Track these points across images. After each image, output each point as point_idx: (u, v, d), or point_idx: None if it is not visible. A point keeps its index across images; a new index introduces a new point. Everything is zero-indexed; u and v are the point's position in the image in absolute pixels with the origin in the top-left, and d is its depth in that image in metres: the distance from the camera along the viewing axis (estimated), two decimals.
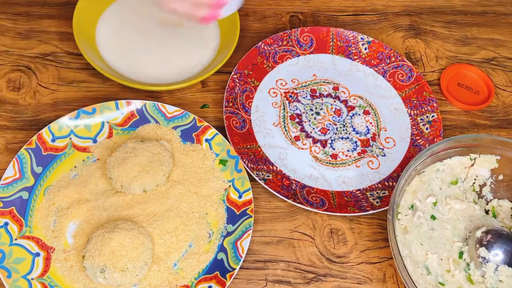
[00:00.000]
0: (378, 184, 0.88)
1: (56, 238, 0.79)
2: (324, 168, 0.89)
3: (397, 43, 1.05)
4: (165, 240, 0.79)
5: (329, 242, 0.83)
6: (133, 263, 0.74)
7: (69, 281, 0.76)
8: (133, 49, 0.96)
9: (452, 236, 0.80)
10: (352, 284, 0.80)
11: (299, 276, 0.80)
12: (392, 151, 0.92)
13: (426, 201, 0.81)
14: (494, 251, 0.77)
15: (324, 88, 0.97)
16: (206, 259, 0.79)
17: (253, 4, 1.01)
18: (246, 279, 0.79)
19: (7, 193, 0.80)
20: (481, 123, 0.97)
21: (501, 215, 0.83)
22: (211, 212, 0.83)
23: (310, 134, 0.92)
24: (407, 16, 1.08)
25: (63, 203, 0.81)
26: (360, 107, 0.96)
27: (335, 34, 1.01)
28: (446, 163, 0.83)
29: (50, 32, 0.99)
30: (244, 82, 0.95)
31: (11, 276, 0.74)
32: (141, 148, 0.81)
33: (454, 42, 1.06)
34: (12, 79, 0.93)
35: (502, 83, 1.02)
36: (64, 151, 0.85)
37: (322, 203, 0.85)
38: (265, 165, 0.88)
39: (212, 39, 0.99)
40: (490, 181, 0.85)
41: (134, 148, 0.80)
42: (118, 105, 0.88)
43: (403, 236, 0.78)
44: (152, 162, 0.80)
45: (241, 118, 0.91)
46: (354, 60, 1.01)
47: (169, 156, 0.83)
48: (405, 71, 0.99)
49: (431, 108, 0.95)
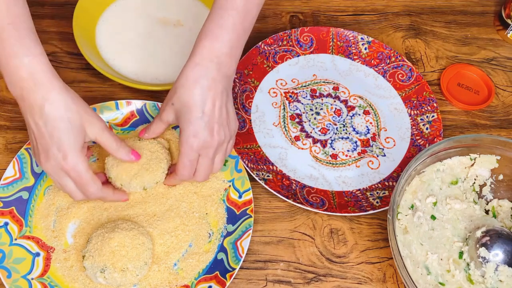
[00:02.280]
0: (378, 184, 0.88)
1: (56, 238, 0.79)
2: (324, 168, 0.89)
3: (397, 43, 1.05)
4: (165, 240, 0.79)
5: (329, 242, 0.83)
6: (133, 263, 0.74)
7: (69, 281, 0.76)
8: (133, 49, 0.96)
9: (452, 236, 0.80)
10: (352, 284, 0.80)
11: (299, 276, 0.80)
12: (392, 151, 0.92)
13: (426, 201, 0.81)
14: (494, 251, 0.77)
15: (324, 88, 0.97)
16: (206, 259, 0.79)
17: None
18: (246, 279, 0.79)
19: (7, 193, 0.80)
20: (481, 123, 0.97)
21: (501, 215, 0.83)
22: (211, 212, 0.83)
23: (310, 134, 0.92)
24: (407, 16, 1.08)
25: (63, 203, 0.81)
26: (360, 107, 0.96)
27: (335, 34, 1.01)
28: (446, 163, 0.83)
29: (50, 32, 0.99)
30: (244, 82, 0.95)
31: (11, 276, 0.74)
32: (139, 147, 0.81)
33: (454, 42, 1.06)
34: None
35: (502, 83, 1.02)
36: None
37: (322, 203, 0.85)
38: (265, 165, 0.88)
39: None
40: (490, 181, 0.85)
41: (132, 146, 0.80)
42: (118, 105, 0.88)
43: (403, 236, 0.78)
44: (151, 160, 0.80)
45: (241, 118, 0.91)
46: (354, 60, 1.01)
47: (167, 153, 0.83)
48: (405, 71, 0.99)
49: (431, 108, 0.95)
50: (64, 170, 0.72)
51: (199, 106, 0.74)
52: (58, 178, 0.73)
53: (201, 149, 0.75)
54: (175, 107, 0.76)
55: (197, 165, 0.77)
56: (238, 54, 0.77)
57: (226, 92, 0.76)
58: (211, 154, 0.76)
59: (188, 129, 0.74)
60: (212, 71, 0.74)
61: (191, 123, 0.74)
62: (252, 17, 0.77)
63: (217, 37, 0.74)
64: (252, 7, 0.76)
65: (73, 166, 0.71)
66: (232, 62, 0.76)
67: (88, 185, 0.73)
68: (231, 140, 0.79)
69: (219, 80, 0.75)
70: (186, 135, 0.75)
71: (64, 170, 0.72)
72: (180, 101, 0.75)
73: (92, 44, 0.95)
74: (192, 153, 0.75)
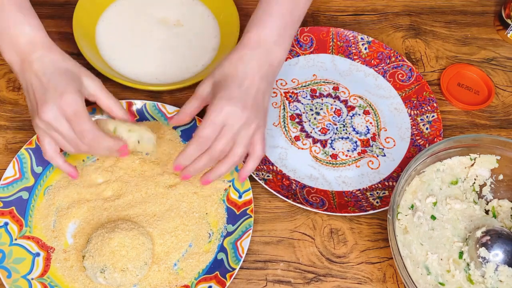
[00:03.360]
0: (378, 184, 0.88)
1: (56, 238, 0.79)
2: (324, 168, 0.89)
3: (397, 43, 1.05)
4: (165, 240, 0.79)
5: (329, 242, 0.83)
6: (133, 263, 0.74)
7: (69, 281, 0.76)
8: (133, 49, 0.96)
9: (452, 236, 0.80)
10: (352, 284, 0.80)
11: (299, 276, 0.80)
12: (392, 151, 0.92)
13: (426, 201, 0.81)
14: (494, 251, 0.77)
15: (324, 88, 0.97)
16: (206, 259, 0.79)
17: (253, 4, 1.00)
18: (246, 279, 0.79)
19: (7, 193, 0.80)
20: (481, 123, 0.97)
21: (501, 215, 0.83)
22: (211, 212, 0.83)
23: (310, 134, 0.92)
24: (407, 16, 1.08)
25: (63, 203, 0.81)
26: (360, 107, 0.96)
27: (335, 34, 1.01)
28: (446, 163, 0.83)
29: (50, 32, 0.98)
30: None
31: (11, 276, 0.74)
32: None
33: (454, 42, 1.06)
34: (12, 79, 0.93)
35: (502, 83, 1.02)
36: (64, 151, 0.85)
37: (322, 203, 0.85)
38: (265, 165, 0.88)
39: (212, 39, 0.99)
40: (490, 181, 0.85)
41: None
42: None
43: (403, 236, 0.78)
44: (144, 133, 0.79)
45: None
46: (354, 60, 1.01)
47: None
48: (405, 71, 0.99)
49: (431, 108, 0.95)
50: (60, 110, 0.71)
51: (240, 78, 0.74)
52: (55, 123, 0.71)
53: (229, 118, 0.72)
54: (215, 79, 0.76)
55: (218, 136, 0.73)
56: (287, 45, 0.77)
57: (267, 80, 0.76)
58: (235, 128, 0.73)
59: (223, 92, 0.73)
60: (258, 56, 0.75)
61: (228, 88, 0.73)
62: (301, 8, 0.78)
63: (265, 24, 0.76)
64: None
65: (69, 102, 0.71)
66: (279, 51, 0.76)
67: (83, 121, 0.72)
68: (258, 130, 0.76)
69: (263, 65, 0.75)
70: (219, 97, 0.72)
71: (60, 110, 0.71)
72: (221, 74, 0.75)
73: (92, 44, 0.95)
74: (219, 116, 0.72)
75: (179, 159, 0.75)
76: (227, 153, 0.75)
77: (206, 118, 0.73)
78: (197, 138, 0.73)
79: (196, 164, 0.75)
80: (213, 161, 0.75)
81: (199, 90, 0.77)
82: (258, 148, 0.76)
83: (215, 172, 0.76)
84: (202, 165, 0.75)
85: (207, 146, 0.74)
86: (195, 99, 0.78)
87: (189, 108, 0.78)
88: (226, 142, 0.73)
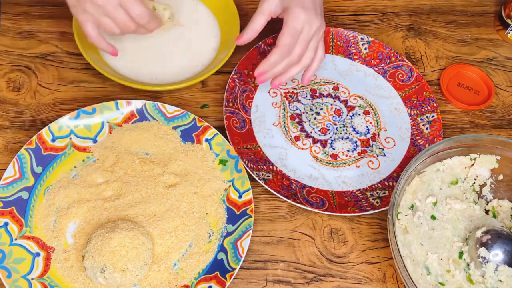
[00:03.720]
0: (378, 184, 0.88)
1: (56, 238, 0.79)
2: (324, 168, 0.89)
3: (397, 43, 1.05)
4: (165, 240, 0.79)
5: (329, 242, 0.83)
6: (133, 263, 0.74)
7: (69, 281, 0.76)
8: (133, 49, 0.96)
9: (452, 236, 0.80)
10: (352, 284, 0.80)
11: (299, 276, 0.80)
12: (392, 151, 0.92)
13: (426, 201, 0.81)
14: (494, 251, 0.77)
15: (324, 88, 0.97)
16: (206, 259, 0.79)
17: (253, 4, 1.01)
18: (246, 279, 0.79)
19: (7, 193, 0.80)
20: (481, 123, 0.97)
21: (501, 215, 0.83)
22: (211, 212, 0.83)
23: (310, 134, 0.92)
24: (407, 16, 1.08)
25: (63, 203, 0.81)
26: (360, 107, 0.96)
27: (335, 34, 1.01)
28: (446, 163, 0.83)
29: (50, 32, 0.99)
30: (244, 82, 0.95)
31: (11, 276, 0.74)
32: None
33: (454, 42, 1.06)
34: (12, 79, 0.93)
35: (502, 83, 1.02)
36: (64, 151, 0.85)
37: (322, 203, 0.85)
38: (265, 165, 0.88)
39: (212, 39, 0.99)
40: (490, 181, 0.85)
41: None
42: (118, 105, 0.88)
43: (403, 236, 0.78)
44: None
45: (241, 118, 0.91)
46: (354, 60, 1.01)
47: None
48: (405, 71, 0.99)
49: (431, 108, 0.95)
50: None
51: None
52: (109, 6, 0.78)
53: (306, 23, 0.80)
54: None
55: (299, 39, 0.81)
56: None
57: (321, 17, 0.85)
58: (310, 34, 0.81)
59: (297, 1, 0.79)
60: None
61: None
62: None
63: None
64: None
65: None
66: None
67: (137, 5, 0.79)
68: (323, 35, 0.85)
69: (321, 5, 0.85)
70: (295, 5, 0.80)
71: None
72: None
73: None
74: (298, 23, 0.80)
75: (263, 65, 0.83)
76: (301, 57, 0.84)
77: (286, 26, 0.80)
78: (280, 47, 0.81)
79: (276, 69, 0.84)
80: (290, 66, 0.84)
81: (265, 5, 0.81)
82: (321, 51, 0.86)
83: (287, 74, 0.85)
84: (281, 69, 0.84)
85: (288, 52, 0.82)
86: (261, 14, 0.82)
87: (257, 24, 0.83)
88: (304, 47, 0.82)
